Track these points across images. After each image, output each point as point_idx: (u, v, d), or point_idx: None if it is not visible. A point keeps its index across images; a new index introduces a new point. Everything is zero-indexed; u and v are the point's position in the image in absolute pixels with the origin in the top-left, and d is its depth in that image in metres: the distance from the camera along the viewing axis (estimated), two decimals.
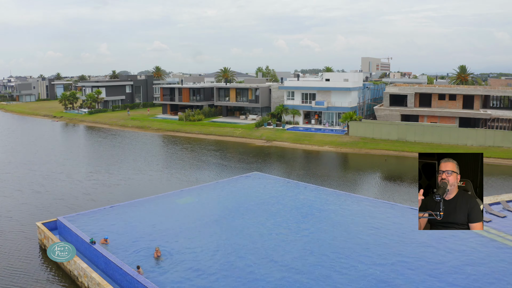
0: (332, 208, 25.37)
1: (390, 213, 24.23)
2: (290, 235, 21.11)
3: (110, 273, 18.07)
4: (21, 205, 31.81)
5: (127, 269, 16.90)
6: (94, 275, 17.76)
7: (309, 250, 19.28)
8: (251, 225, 22.50)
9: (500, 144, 49.62)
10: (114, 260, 17.82)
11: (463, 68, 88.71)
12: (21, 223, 27.92)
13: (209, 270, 17.48)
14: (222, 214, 24.22)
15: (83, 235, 20.66)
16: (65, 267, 20.83)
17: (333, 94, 64.17)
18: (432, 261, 18.04)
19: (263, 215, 23.95)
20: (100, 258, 18.90)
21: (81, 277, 19.03)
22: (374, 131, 55.17)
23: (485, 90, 59.36)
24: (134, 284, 16.30)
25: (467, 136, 50.95)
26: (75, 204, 31.44)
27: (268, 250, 19.32)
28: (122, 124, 77.42)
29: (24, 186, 36.92)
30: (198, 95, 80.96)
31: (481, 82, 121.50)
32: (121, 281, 17.21)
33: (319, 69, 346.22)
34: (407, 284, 16.14)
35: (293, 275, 17.02)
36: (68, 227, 22.03)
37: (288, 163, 48.05)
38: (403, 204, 27.93)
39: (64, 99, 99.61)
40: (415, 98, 61.03)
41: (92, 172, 41.65)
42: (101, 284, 17.08)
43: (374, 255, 18.72)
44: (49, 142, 62.88)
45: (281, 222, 22.95)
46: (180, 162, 47.10)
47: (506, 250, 19.16)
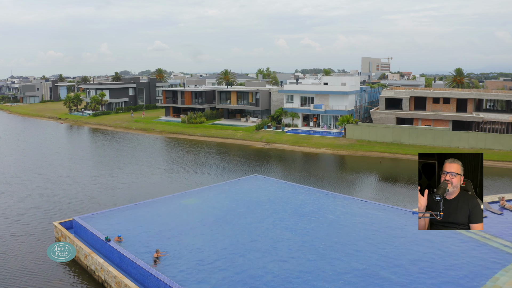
0: (327, 208, 27.44)
1: (380, 214, 26.29)
2: (287, 234, 23.18)
3: (125, 267, 20.13)
4: (31, 209, 32.98)
5: (141, 263, 18.98)
6: (111, 269, 19.84)
7: (304, 247, 21.36)
8: (251, 224, 24.58)
9: (491, 147, 51.62)
10: (128, 255, 19.90)
11: (459, 71, 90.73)
12: (31, 226, 29.26)
13: (213, 264, 19.54)
14: (224, 214, 26.31)
15: (98, 233, 22.73)
16: (82, 262, 22.90)
17: (331, 97, 66.25)
18: (414, 257, 20.12)
19: (262, 215, 26.02)
20: (115, 254, 20.97)
21: (98, 271, 21.12)
22: (370, 134, 57.22)
23: (477, 94, 61.37)
24: (147, 277, 18.38)
25: (459, 139, 52.97)
26: (82, 207, 32.58)
27: (267, 247, 21.40)
28: (126, 126, 79.53)
29: (33, 190, 38.11)
30: (200, 98, 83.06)
31: (478, 84, 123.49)
32: (135, 274, 19.28)
33: (319, 69, 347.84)
34: (390, 275, 18.22)
35: (289, 268, 19.09)
36: (83, 226, 24.11)
37: (287, 165, 50.12)
38: (394, 205, 30.06)
39: (69, 101, 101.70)
40: (410, 102, 63.06)
41: (96, 176, 43.14)
42: (117, 277, 19.17)
43: (363, 250, 20.80)
44: (56, 145, 64.51)
45: (279, 221, 25.03)
46: (184, 164, 49.17)
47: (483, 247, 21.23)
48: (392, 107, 65.01)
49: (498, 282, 18.13)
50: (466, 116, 57.67)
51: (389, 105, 64.89)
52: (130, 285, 18.30)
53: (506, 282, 18.03)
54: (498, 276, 18.66)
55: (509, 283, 17.90)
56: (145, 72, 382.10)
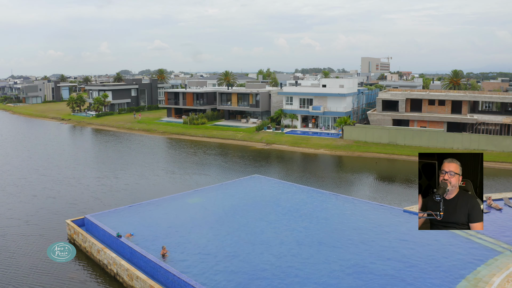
0: (323, 207, 29.17)
1: (373, 212, 28.03)
2: (285, 231, 24.89)
3: (135, 261, 21.80)
4: (40, 209, 34.00)
5: (151, 257, 20.66)
6: (123, 263, 21.52)
7: (301, 243, 23.07)
8: (252, 222, 26.28)
9: (484, 148, 53.26)
10: (139, 250, 21.58)
11: (456, 73, 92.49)
12: (40, 227, 30.27)
13: (217, 258, 21.24)
14: (227, 212, 28.05)
15: (110, 230, 24.41)
16: (95, 257, 24.57)
17: (329, 99, 67.96)
18: (403, 252, 21.82)
19: (262, 213, 27.75)
20: (126, 249, 22.64)
21: (110, 265, 22.79)
22: (366, 135, 58.91)
23: (472, 96, 63.01)
24: (157, 269, 20.06)
25: (453, 140, 54.63)
26: (87, 208, 33.40)
27: (266, 242, 23.11)
28: (129, 127, 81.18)
29: (39, 192, 39.10)
30: (202, 99, 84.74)
31: (476, 85, 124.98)
32: (145, 267, 20.95)
33: (319, 68, 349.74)
34: (380, 268, 19.92)
35: (287, 262, 20.80)
36: (95, 223, 25.78)
37: (286, 166, 51.81)
38: (388, 204, 31.78)
39: (72, 102, 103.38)
40: (406, 104, 64.74)
41: (100, 177, 44.35)
42: (129, 270, 20.85)
43: (356, 246, 22.51)
44: (60, 146, 65.66)
45: (277, 219, 26.76)
46: (187, 165, 50.84)
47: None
48: (388, 109, 66.68)
49: (479, 275, 19.83)
50: (460, 117, 59.33)
51: (386, 107, 66.57)
52: (142, 277, 19.97)
53: (486, 275, 19.72)
54: (480, 269, 20.36)
55: (489, 276, 19.60)
56: (145, 71, 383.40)
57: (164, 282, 19.46)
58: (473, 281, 19.13)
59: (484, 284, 18.76)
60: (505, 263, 20.71)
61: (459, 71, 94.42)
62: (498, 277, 19.27)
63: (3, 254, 25.83)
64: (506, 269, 20.09)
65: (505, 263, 20.71)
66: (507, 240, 23.27)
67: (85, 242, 25.46)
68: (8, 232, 29.40)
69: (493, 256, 21.49)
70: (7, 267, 24.20)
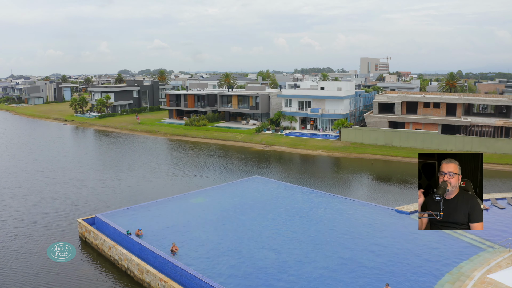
0: (320, 207, 30.93)
1: (367, 211, 29.77)
2: (284, 228, 26.63)
3: (145, 256, 23.49)
4: (47, 211, 35.16)
5: (160, 253, 22.37)
6: (134, 258, 23.22)
7: (296, 239, 24.81)
8: (253, 220, 28.04)
9: (477, 149, 54.94)
10: (148, 246, 23.28)
11: (452, 75, 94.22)
12: (48, 228, 31.30)
13: (221, 253, 22.97)
14: (228, 212, 29.81)
15: (120, 228, 26.10)
16: (106, 253, 26.26)
17: (327, 102, 69.73)
18: (393, 249, 23.55)
19: (261, 212, 29.51)
20: (135, 246, 24.34)
21: (121, 261, 24.49)
22: (363, 137, 60.65)
23: (466, 99, 64.74)
24: (166, 264, 21.77)
25: (447, 142, 56.36)
26: (92, 209, 34.64)
27: (265, 239, 24.85)
28: (131, 128, 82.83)
29: (45, 194, 40.13)
30: (203, 101, 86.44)
31: (473, 86, 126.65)
32: (154, 262, 22.66)
33: (319, 68, 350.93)
34: (372, 263, 21.66)
35: (285, 257, 22.54)
36: (106, 222, 27.47)
37: (285, 167, 53.52)
38: (382, 204, 33.55)
39: (75, 103, 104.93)
40: (402, 106, 66.47)
41: (103, 179, 45.73)
42: (140, 264, 22.56)
43: (350, 242, 24.25)
44: (64, 147, 66.77)
45: (276, 217, 28.52)
46: (189, 166, 52.53)
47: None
48: (385, 111, 68.39)
49: (462, 269, 21.59)
50: (454, 120, 61.05)
51: (382, 109, 68.30)
52: (152, 271, 21.68)
53: (468, 269, 21.47)
54: (463, 264, 22.13)
55: (471, 270, 21.34)
56: (145, 71, 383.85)
57: (173, 276, 21.17)
58: (456, 275, 20.88)
59: (466, 277, 20.50)
60: (486, 259, 22.47)
61: (457, 72, 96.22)
62: (479, 271, 21.01)
63: (14, 255, 26.84)
64: (487, 264, 21.85)
65: (486, 259, 22.47)
66: (490, 238, 25.04)
67: (97, 240, 27.14)
68: (17, 233, 30.44)
69: (476, 252, 23.27)
70: (17, 268, 25.05)
